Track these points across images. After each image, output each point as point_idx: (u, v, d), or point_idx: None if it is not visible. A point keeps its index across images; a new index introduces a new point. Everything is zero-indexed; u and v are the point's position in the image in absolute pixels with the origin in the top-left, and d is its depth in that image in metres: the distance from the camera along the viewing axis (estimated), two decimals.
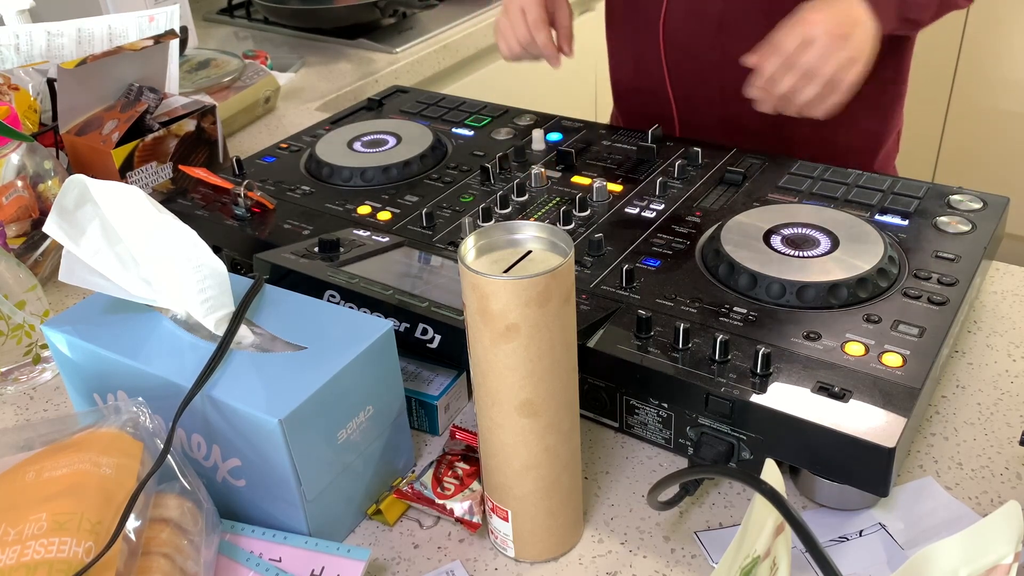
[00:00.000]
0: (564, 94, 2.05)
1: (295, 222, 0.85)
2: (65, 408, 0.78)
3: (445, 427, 0.73)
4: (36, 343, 0.80)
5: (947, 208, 0.80)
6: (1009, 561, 0.45)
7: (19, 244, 0.92)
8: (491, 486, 0.59)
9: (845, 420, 0.58)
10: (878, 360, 0.62)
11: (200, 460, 0.62)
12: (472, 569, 0.61)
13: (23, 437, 0.57)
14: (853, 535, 0.61)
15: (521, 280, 0.49)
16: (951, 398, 0.72)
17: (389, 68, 1.54)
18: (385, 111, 1.10)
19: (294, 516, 0.59)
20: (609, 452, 0.69)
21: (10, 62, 1.20)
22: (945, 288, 0.69)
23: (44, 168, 0.95)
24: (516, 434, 0.55)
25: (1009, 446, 0.67)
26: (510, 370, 0.52)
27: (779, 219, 0.78)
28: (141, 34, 1.22)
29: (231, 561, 0.57)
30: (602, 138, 0.98)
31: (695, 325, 0.67)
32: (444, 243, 0.80)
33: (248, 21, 1.79)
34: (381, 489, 0.66)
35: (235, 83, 1.33)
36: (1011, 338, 0.77)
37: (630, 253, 0.77)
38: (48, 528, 0.50)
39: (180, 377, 0.59)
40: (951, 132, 2.36)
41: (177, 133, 1.06)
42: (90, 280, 0.63)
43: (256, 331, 0.64)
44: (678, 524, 0.63)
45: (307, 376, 0.58)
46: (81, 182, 0.61)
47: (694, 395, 0.62)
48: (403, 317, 0.71)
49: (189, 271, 0.61)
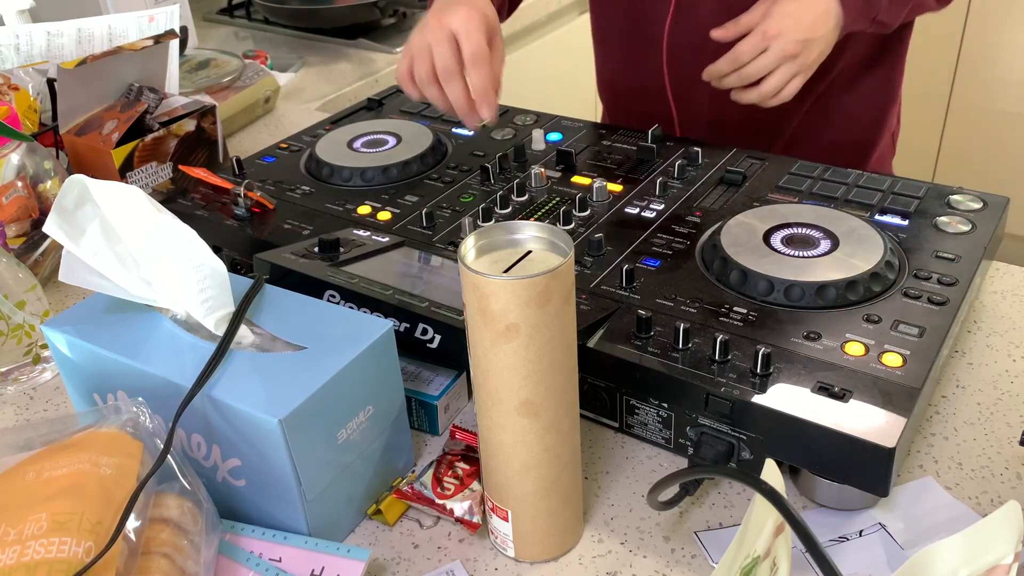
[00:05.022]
0: (564, 94, 2.05)
1: (295, 222, 0.85)
2: (65, 408, 0.78)
3: (445, 427, 0.73)
4: (36, 343, 0.80)
5: (947, 208, 0.80)
6: (1009, 561, 0.45)
7: (19, 244, 0.92)
8: (491, 486, 0.59)
9: (845, 420, 0.58)
10: (878, 360, 0.62)
11: (200, 460, 0.62)
12: (472, 569, 0.61)
13: (23, 437, 0.57)
14: (853, 535, 0.61)
15: (521, 280, 0.49)
16: (951, 398, 0.72)
17: (389, 68, 1.54)
18: (385, 111, 1.10)
19: (294, 516, 0.59)
20: (609, 452, 0.69)
21: (10, 62, 1.20)
22: (945, 288, 0.69)
23: (44, 168, 0.95)
24: (516, 434, 0.55)
25: (1009, 446, 0.67)
26: (510, 370, 0.52)
27: (779, 219, 0.78)
28: (141, 34, 1.22)
29: (231, 561, 0.57)
30: (602, 138, 0.98)
31: (695, 325, 0.67)
32: (444, 243, 0.80)
33: (248, 21, 1.79)
34: (381, 489, 0.66)
35: (235, 83, 1.33)
36: (1011, 338, 0.77)
37: (630, 253, 0.77)
38: (48, 528, 0.50)
39: (180, 377, 0.59)
40: (951, 132, 2.36)
41: (177, 133, 1.06)
42: (90, 280, 0.63)
43: (256, 331, 0.64)
44: (678, 524, 0.63)
45: (307, 376, 0.58)
46: (81, 182, 0.61)
47: (694, 395, 0.62)
48: (403, 317, 0.71)
49: (189, 271, 0.61)
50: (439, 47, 0.80)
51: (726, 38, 0.91)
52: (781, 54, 0.87)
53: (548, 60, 2.01)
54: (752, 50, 0.88)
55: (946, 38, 2.25)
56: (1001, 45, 2.19)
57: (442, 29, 0.79)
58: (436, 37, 0.80)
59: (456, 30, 0.79)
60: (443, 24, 0.80)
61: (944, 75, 2.30)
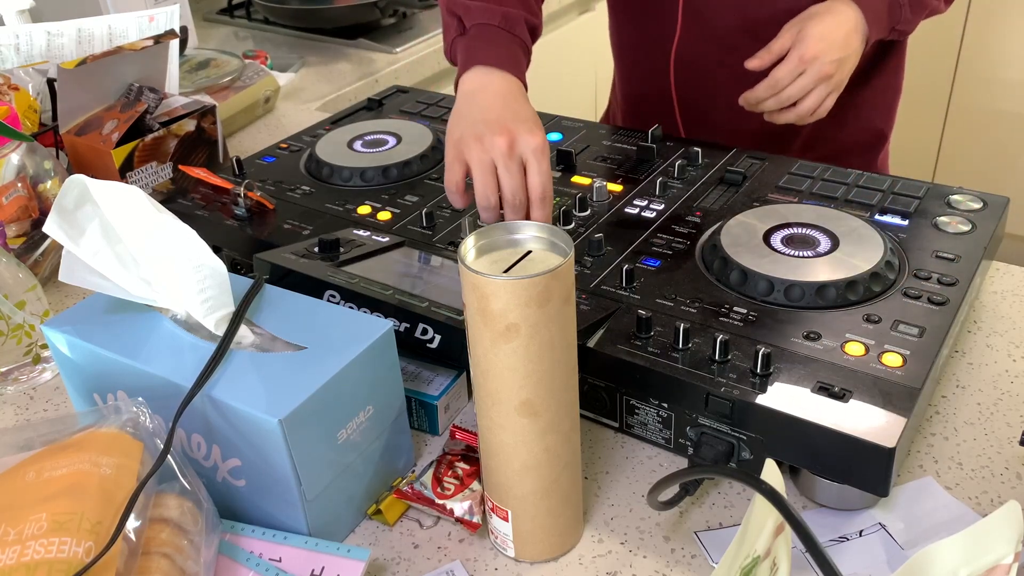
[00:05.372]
0: (564, 94, 2.05)
1: (295, 222, 0.85)
2: (65, 408, 0.78)
3: (445, 427, 0.73)
4: (36, 343, 0.80)
5: (947, 208, 0.80)
6: (1009, 561, 0.45)
7: (19, 244, 0.92)
8: (491, 486, 0.59)
9: (845, 420, 0.58)
10: (878, 360, 0.62)
11: (200, 460, 0.62)
12: (472, 569, 0.61)
13: (23, 437, 0.57)
14: (853, 535, 0.61)
15: (521, 280, 0.49)
16: (951, 398, 0.72)
17: (389, 68, 1.54)
18: (385, 111, 1.10)
19: (294, 516, 0.59)
20: (609, 452, 0.69)
21: (10, 62, 1.20)
22: (945, 288, 0.69)
23: (44, 168, 0.95)
24: (516, 434, 0.55)
25: (1009, 446, 0.67)
26: (510, 370, 0.52)
27: (779, 219, 0.78)
28: (141, 34, 1.22)
29: (231, 561, 0.57)
30: (602, 138, 0.98)
31: (695, 325, 0.67)
32: (444, 243, 0.80)
33: (248, 21, 1.79)
34: (381, 489, 0.66)
35: (235, 83, 1.33)
36: (1011, 338, 0.77)
37: (630, 253, 0.77)
38: (48, 528, 0.50)
39: (180, 377, 0.59)
40: (951, 132, 2.36)
41: (177, 133, 1.06)
42: (90, 280, 0.63)
43: (256, 331, 0.64)
44: (678, 524, 0.63)
45: (307, 376, 0.58)
46: (81, 182, 0.61)
47: (694, 395, 0.62)
48: (403, 317, 0.71)
49: (189, 271, 0.61)
50: (508, 177, 0.74)
51: (761, 67, 0.92)
52: (818, 76, 0.88)
53: (548, 60, 2.01)
54: (790, 75, 0.89)
55: (946, 38, 2.25)
56: (1001, 45, 2.19)
57: (512, 156, 0.74)
58: (505, 162, 0.74)
59: (527, 159, 0.74)
60: (514, 148, 0.74)
61: (944, 75, 2.30)
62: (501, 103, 0.78)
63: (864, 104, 1.09)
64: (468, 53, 0.83)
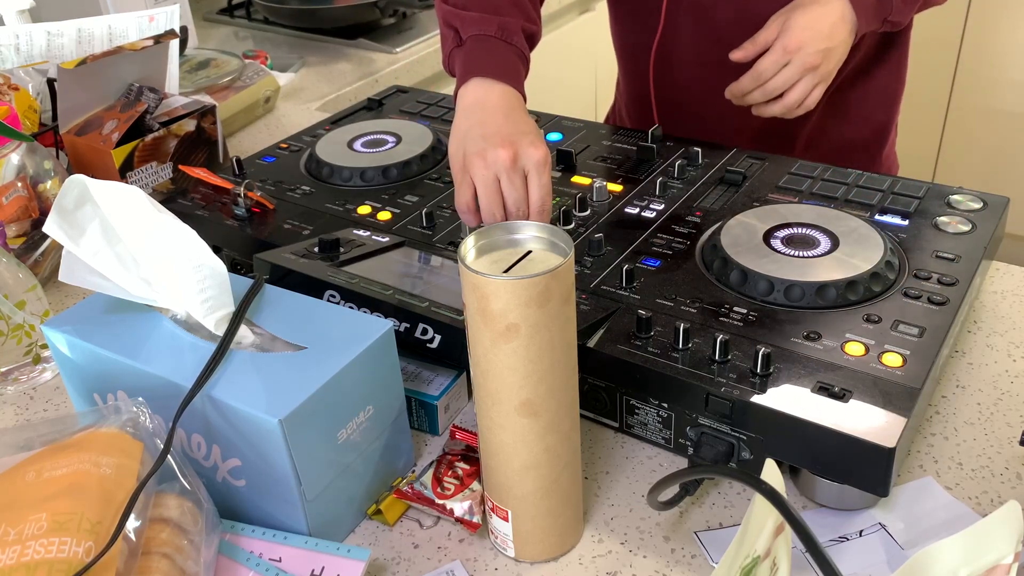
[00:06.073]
0: (564, 94, 2.05)
1: (295, 222, 0.85)
2: (65, 408, 0.78)
3: (445, 427, 0.73)
4: (36, 343, 0.80)
5: (947, 208, 0.80)
6: (1009, 561, 0.45)
7: (19, 244, 0.92)
8: (491, 486, 0.59)
9: (845, 420, 0.58)
10: (878, 360, 0.62)
11: (200, 460, 0.62)
12: (472, 569, 0.61)
13: (23, 437, 0.57)
14: (853, 535, 0.61)
15: (521, 280, 0.49)
16: (951, 398, 0.72)
17: (389, 68, 1.54)
18: (385, 111, 1.10)
19: (294, 516, 0.59)
20: (609, 452, 0.69)
21: (10, 62, 1.20)
22: (945, 288, 0.69)
23: (44, 168, 0.95)
24: (516, 434, 0.55)
25: (1009, 446, 0.67)
26: (510, 370, 0.52)
27: (779, 219, 0.78)
28: (141, 34, 1.22)
29: (231, 561, 0.57)
30: (602, 138, 0.98)
31: (695, 325, 0.67)
32: (444, 243, 0.80)
33: (248, 21, 1.79)
34: (381, 489, 0.66)
35: (235, 83, 1.33)
36: (1011, 338, 0.77)
37: (630, 253, 0.77)
38: (48, 528, 0.50)
39: (180, 377, 0.59)
40: (951, 132, 2.36)
41: (177, 133, 1.06)
42: (90, 280, 0.63)
43: (256, 331, 0.64)
44: (678, 524, 0.63)
45: (307, 376, 0.58)
46: (81, 182, 0.61)
47: (694, 395, 0.62)
48: (403, 317, 0.71)
49: (189, 271, 0.61)
50: (512, 189, 0.75)
51: (746, 59, 0.91)
52: (803, 66, 0.87)
53: (548, 60, 2.01)
54: (774, 66, 0.88)
55: (946, 38, 2.25)
56: (1001, 45, 2.19)
57: (515, 168, 0.75)
58: (508, 176, 0.75)
59: (529, 172, 0.75)
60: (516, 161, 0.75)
61: (944, 75, 2.30)
62: (502, 116, 0.78)
63: (867, 99, 1.09)
64: (466, 65, 0.83)
